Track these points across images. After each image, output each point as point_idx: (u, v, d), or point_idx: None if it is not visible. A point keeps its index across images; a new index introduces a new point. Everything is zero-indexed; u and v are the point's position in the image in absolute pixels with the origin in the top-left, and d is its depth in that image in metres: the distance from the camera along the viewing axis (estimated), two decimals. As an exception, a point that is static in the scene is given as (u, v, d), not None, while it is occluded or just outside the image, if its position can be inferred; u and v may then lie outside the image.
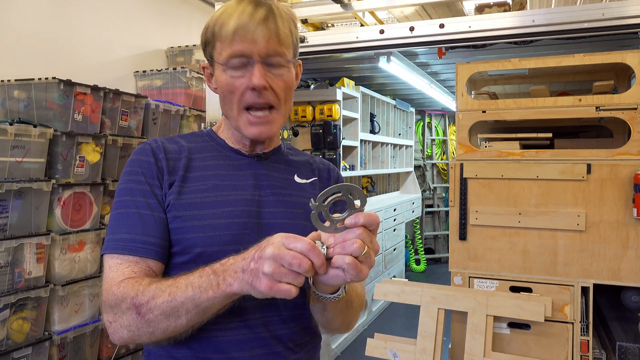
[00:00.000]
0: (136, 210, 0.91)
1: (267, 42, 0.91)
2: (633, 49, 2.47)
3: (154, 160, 0.96)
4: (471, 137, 2.37)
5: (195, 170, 0.97)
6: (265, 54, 0.92)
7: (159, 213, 0.92)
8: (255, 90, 0.92)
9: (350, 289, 0.91)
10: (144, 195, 0.93)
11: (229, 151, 1.02)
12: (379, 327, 4.13)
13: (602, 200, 2.06)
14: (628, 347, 1.95)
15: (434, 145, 6.85)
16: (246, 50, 0.91)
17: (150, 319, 0.80)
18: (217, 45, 0.95)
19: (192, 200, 0.93)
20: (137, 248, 0.89)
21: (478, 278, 2.25)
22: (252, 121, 0.95)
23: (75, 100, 2.20)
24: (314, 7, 2.70)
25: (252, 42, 0.90)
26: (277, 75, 0.94)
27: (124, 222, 0.91)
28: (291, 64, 0.98)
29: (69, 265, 2.18)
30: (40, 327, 2.05)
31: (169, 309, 0.78)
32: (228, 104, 0.96)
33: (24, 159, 2.01)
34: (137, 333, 0.82)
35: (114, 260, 0.89)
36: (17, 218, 1.97)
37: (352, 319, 1.01)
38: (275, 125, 0.97)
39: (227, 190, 0.96)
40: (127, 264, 0.88)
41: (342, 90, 3.84)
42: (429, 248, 6.72)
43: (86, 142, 2.25)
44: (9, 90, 2.18)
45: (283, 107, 0.97)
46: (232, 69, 0.93)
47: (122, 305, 0.82)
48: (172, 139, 1.02)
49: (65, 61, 2.60)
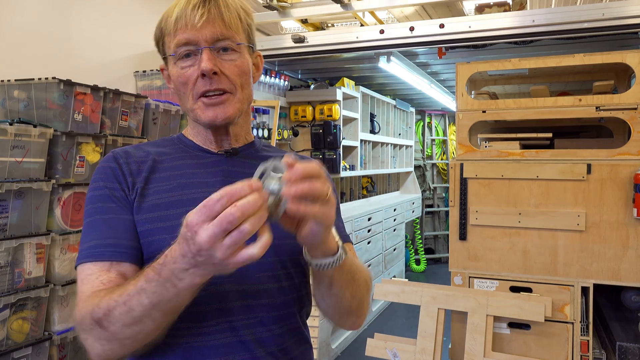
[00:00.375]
0: (99, 216, 0.89)
1: (212, 26, 0.90)
2: (633, 49, 2.48)
3: (115, 165, 0.94)
4: (471, 137, 2.37)
5: (161, 171, 0.95)
6: (212, 39, 0.90)
7: (123, 215, 0.90)
8: (205, 77, 0.90)
9: (351, 261, 0.87)
10: (104, 201, 0.91)
11: (197, 151, 1.00)
12: (379, 327, 4.13)
13: (602, 200, 2.06)
14: (628, 347, 1.94)
15: (434, 145, 6.85)
16: (191, 37, 0.90)
17: (114, 331, 0.76)
18: (166, 39, 0.94)
19: (155, 201, 0.91)
20: (104, 253, 0.86)
21: (478, 278, 2.25)
22: (206, 103, 0.92)
23: (75, 100, 2.20)
24: (314, 7, 2.70)
25: (194, 28, 0.89)
26: (227, 60, 0.92)
27: (90, 231, 0.89)
28: (244, 49, 0.95)
29: (69, 265, 2.18)
30: (40, 327, 2.05)
31: (130, 319, 0.74)
32: (184, 97, 0.94)
33: (24, 159, 2.01)
34: (109, 346, 0.78)
35: (85, 271, 0.86)
36: (17, 218, 1.97)
37: (361, 298, 0.94)
38: (231, 107, 0.93)
39: (193, 188, 0.93)
40: (97, 273, 0.85)
41: (342, 90, 3.84)
42: (429, 248, 6.72)
43: (86, 142, 2.25)
44: (9, 90, 2.18)
45: (239, 92, 0.94)
46: (181, 60, 0.92)
47: (86, 321, 0.79)
48: (139, 146, 1.01)
49: (65, 61, 2.60)
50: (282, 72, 3.78)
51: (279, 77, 3.67)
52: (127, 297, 0.74)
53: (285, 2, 2.71)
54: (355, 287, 0.90)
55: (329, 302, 0.91)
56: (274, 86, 3.64)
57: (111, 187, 0.92)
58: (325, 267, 0.81)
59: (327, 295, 0.89)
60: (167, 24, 0.93)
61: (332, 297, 0.89)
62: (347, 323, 0.98)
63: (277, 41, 2.76)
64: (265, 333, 0.90)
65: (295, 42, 2.67)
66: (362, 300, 0.94)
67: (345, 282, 0.87)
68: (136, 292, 0.73)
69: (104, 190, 0.92)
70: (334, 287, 0.87)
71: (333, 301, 0.90)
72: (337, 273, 0.84)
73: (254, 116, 3.32)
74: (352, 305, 0.92)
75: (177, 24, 0.90)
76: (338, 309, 0.92)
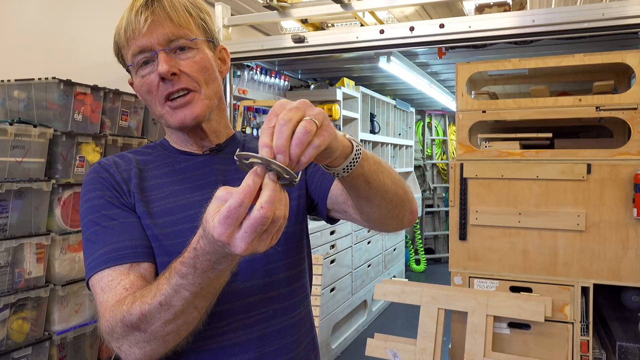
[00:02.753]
0: (106, 223, 0.87)
1: (161, 28, 0.88)
2: (633, 49, 2.47)
3: (107, 174, 0.93)
4: (471, 137, 2.37)
5: (150, 179, 0.94)
6: (164, 41, 0.88)
7: (131, 218, 0.88)
8: (166, 80, 0.88)
9: (365, 150, 0.79)
10: (107, 209, 0.89)
11: (181, 155, 0.98)
12: (379, 327, 4.13)
13: (602, 200, 2.06)
14: (628, 347, 1.94)
15: (434, 145, 6.85)
16: (144, 44, 0.88)
17: (154, 330, 0.74)
18: (123, 52, 0.93)
19: (154, 209, 0.90)
20: (123, 255, 0.83)
21: (478, 278, 2.25)
22: (172, 107, 0.90)
23: (75, 100, 2.20)
24: (314, 7, 2.70)
25: (142, 33, 0.87)
26: (185, 59, 0.90)
27: (97, 240, 0.86)
28: (202, 44, 0.93)
29: (69, 265, 2.18)
30: (40, 327, 2.05)
31: (171, 315, 0.72)
32: (152, 105, 0.93)
33: (24, 159, 2.01)
34: (150, 346, 0.76)
35: (104, 279, 0.82)
36: (17, 218, 1.97)
37: (400, 181, 0.87)
38: (198, 106, 0.90)
39: (188, 193, 0.92)
40: (118, 278, 0.81)
41: (342, 90, 3.84)
42: (429, 248, 6.72)
43: (86, 142, 2.25)
44: (9, 90, 2.18)
45: (205, 89, 0.91)
46: (141, 69, 0.90)
47: (117, 330, 0.76)
48: (122, 154, 0.99)
49: (65, 61, 2.60)
50: (282, 72, 3.78)
51: (279, 77, 3.67)
52: (162, 297, 0.71)
53: (285, 2, 2.71)
54: (387, 173, 0.84)
55: (378, 202, 0.84)
56: (274, 86, 3.64)
57: (109, 195, 0.90)
58: (354, 163, 0.74)
59: (372, 195, 0.82)
60: (120, 36, 0.91)
61: (377, 194, 0.82)
62: (406, 214, 0.91)
63: (277, 41, 2.76)
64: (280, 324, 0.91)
65: (295, 42, 2.67)
66: (403, 184, 0.89)
67: (377, 170, 0.81)
68: (173, 291, 0.70)
69: (103, 199, 0.89)
70: (371, 181, 0.80)
71: (380, 197, 0.83)
72: (366, 164, 0.77)
73: (254, 116, 3.32)
74: (399, 191, 0.86)
75: (126, 33, 0.89)
76: (389, 202, 0.85)
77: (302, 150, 0.61)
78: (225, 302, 0.87)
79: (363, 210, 0.87)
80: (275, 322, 0.92)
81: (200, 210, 0.78)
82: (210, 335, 0.87)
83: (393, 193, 0.85)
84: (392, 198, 0.85)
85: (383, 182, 0.82)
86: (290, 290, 0.95)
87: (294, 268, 0.97)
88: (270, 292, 0.92)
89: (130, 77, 0.97)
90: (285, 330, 0.93)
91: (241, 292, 0.89)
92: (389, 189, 0.84)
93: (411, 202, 0.91)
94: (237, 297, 0.89)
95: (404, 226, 0.94)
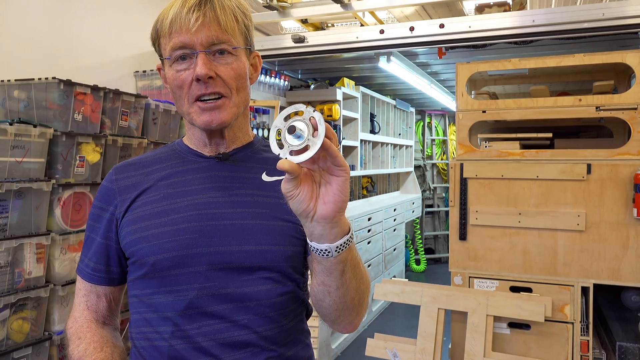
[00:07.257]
0: (89, 234, 1.00)
1: (207, 30, 0.88)
2: (633, 49, 2.48)
3: (110, 185, 0.99)
4: (471, 137, 2.37)
5: (150, 182, 0.97)
6: (207, 42, 0.89)
7: (98, 238, 0.99)
8: (201, 81, 0.89)
9: (352, 253, 0.82)
10: (93, 220, 1.00)
11: (189, 155, 1.00)
12: (379, 327, 4.13)
13: (602, 200, 2.06)
14: (628, 347, 1.94)
15: (434, 145, 6.85)
16: (187, 41, 0.89)
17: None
18: (161, 41, 0.93)
19: (141, 213, 0.94)
20: (86, 274, 1.00)
21: (478, 278, 2.25)
22: (202, 107, 0.91)
23: (75, 100, 2.20)
24: (314, 7, 2.70)
25: (189, 31, 0.88)
26: (223, 64, 0.91)
27: (84, 246, 1.02)
28: (241, 52, 0.94)
29: (69, 265, 2.18)
30: (40, 327, 2.05)
31: None
32: (179, 100, 0.94)
33: (24, 159, 2.01)
34: None
35: (78, 284, 1.03)
36: (17, 218, 1.97)
37: (364, 291, 0.90)
38: (227, 112, 0.92)
39: (178, 198, 0.94)
40: (83, 291, 1.01)
41: (342, 90, 3.84)
42: (429, 248, 6.72)
43: (86, 142, 2.25)
44: (9, 90, 2.17)
45: (235, 96, 0.93)
46: (176, 63, 0.91)
47: (67, 342, 0.98)
48: (138, 158, 1.04)
49: (65, 61, 2.60)
50: (282, 72, 3.78)
51: (279, 77, 3.67)
52: None
53: (285, 2, 2.71)
54: (360, 278, 0.86)
55: (335, 296, 0.85)
56: (274, 86, 3.64)
57: (101, 206, 0.99)
58: (344, 246, 0.76)
59: (335, 286, 0.83)
60: (163, 25, 0.92)
61: (341, 288, 0.83)
62: (345, 321, 0.92)
63: (277, 41, 2.76)
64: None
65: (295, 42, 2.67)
66: (364, 294, 0.90)
67: (354, 267, 0.83)
68: None
69: (95, 209, 1.00)
70: (346, 272, 0.81)
71: (341, 293, 0.84)
72: (350, 255, 0.79)
73: (254, 116, 3.32)
74: (356, 298, 0.87)
75: (172, 26, 0.90)
76: (342, 303, 0.86)
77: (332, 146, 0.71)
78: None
79: (318, 290, 0.87)
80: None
81: (183, 214, 0.91)
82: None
83: (350, 298, 0.86)
84: (346, 302, 0.86)
85: (350, 283, 0.83)
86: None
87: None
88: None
89: (161, 64, 0.98)
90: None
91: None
92: (350, 293, 0.85)
93: (359, 313, 0.91)
94: None
95: (339, 328, 0.96)
